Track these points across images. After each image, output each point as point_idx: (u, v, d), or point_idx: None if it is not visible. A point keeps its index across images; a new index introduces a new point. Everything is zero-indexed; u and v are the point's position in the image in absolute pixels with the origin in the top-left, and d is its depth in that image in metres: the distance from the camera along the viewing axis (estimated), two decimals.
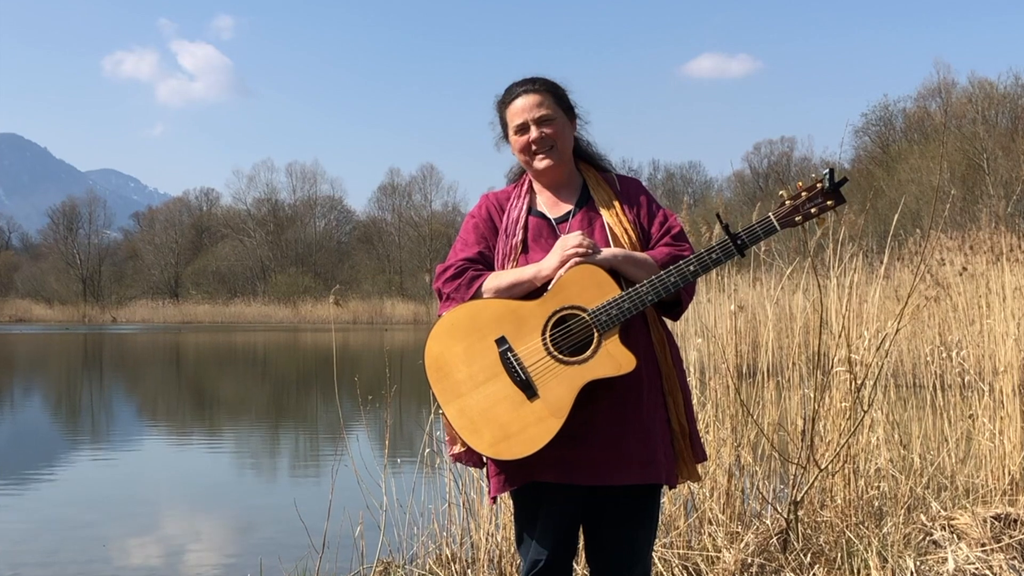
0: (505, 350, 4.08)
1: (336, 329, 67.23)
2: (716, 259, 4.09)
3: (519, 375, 4.04)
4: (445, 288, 4.35)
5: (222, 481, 13.66)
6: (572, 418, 3.99)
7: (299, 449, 17.22)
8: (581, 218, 4.40)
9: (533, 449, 3.98)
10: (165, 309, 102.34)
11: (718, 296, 9.83)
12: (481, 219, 4.51)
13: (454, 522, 7.39)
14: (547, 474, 4.13)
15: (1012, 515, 7.51)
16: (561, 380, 4.01)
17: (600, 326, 4.02)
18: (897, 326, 7.61)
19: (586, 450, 4.10)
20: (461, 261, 4.38)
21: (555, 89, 4.49)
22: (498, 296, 4.22)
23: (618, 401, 4.13)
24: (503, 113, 4.53)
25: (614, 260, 4.16)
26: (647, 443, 4.16)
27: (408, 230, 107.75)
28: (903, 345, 16.06)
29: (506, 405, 4.04)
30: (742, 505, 7.69)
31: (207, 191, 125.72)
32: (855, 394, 7.31)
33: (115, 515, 11.14)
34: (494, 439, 4.03)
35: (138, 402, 26.25)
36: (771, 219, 4.09)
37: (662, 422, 4.26)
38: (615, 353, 4.01)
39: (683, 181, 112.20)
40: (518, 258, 4.34)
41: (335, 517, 7.11)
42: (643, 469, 4.15)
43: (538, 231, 4.40)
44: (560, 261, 4.13)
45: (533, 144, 4.39)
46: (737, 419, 7.83)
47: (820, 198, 4.08)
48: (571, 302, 4.08)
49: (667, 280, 4.05)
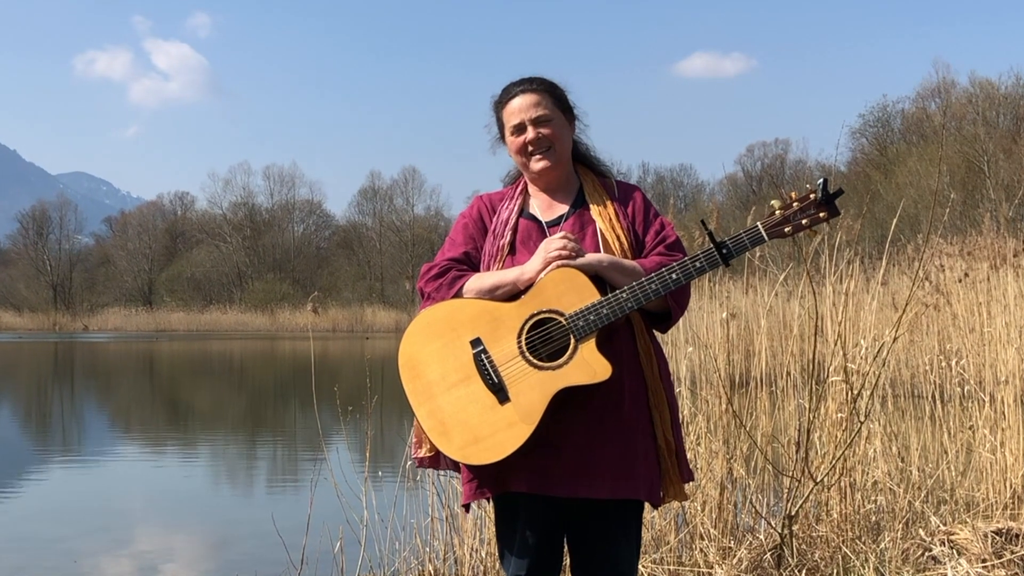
0: (479, 352, 4.08)
1: (315, 337, 67.08)
2: (700, 267, 4.06)
3: (491, 378, 4.04)
4: (427, 287, 4.36)
5: (197, 494, 13.63)
6: (545, 425, 3.99)
7: (277, 461, 17.22)
8: (573, 222, 4.38)
9: (502, 455, 3.98)
10: (138, 317, 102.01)
11: (710, 303, 9.84)
12: (471, 219, 4.50)
13: (437, 537, 7.39)
14: (520, 484, 4.12)
15: (1014, 530, 7.52)
16: (534, 385, 4.00)
17: (577, 331, 4.01)
18: (895, 334, 7.62)
19: (561, 460, 4.09)
20: (446, 261, 4.38)
21: (553, 89, 4.47)
22: (479, 297, 4.22)
23: (596, 411, 4.11)
24: (499, 113, 4.52)
25: (598, 265, 4.14)
26: (625, 456, 4.14)
27: (389, 235, 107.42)
28: (901, 354, 16.05)
29: (477, 408, 4.04)
30: (735, 519, 7.71)
31: (182, 195, 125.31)
32: (851, 405, 7.33)
33: (86, 530, 11.12)
34: (463, 442, 4.03)
35: (110, 413, 26.21)
36: (759, 229, 4.05)
37: (646, 436, 4.23)
38: (591, 360, 4.00)
39: (673, 184, 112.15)
40: (505, 260, 4.33)
41: (314, 532, 7.10)
42: (620, 483, 4.13)
43: (527, 234, 4.39)
44: (543, 263, 4.12)
45: (530, 145, 4.37)
46: (729, 430, 7.85)
47: (813, 209, 4.03)
48: (549, 305, 4.06)
49: (648, 287, 4.03)
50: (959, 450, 8.92)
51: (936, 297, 14.32)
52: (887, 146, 76.06)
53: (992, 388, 9.11)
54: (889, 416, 8.87)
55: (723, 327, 8.78)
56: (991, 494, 8.38)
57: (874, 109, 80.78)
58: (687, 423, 7.93)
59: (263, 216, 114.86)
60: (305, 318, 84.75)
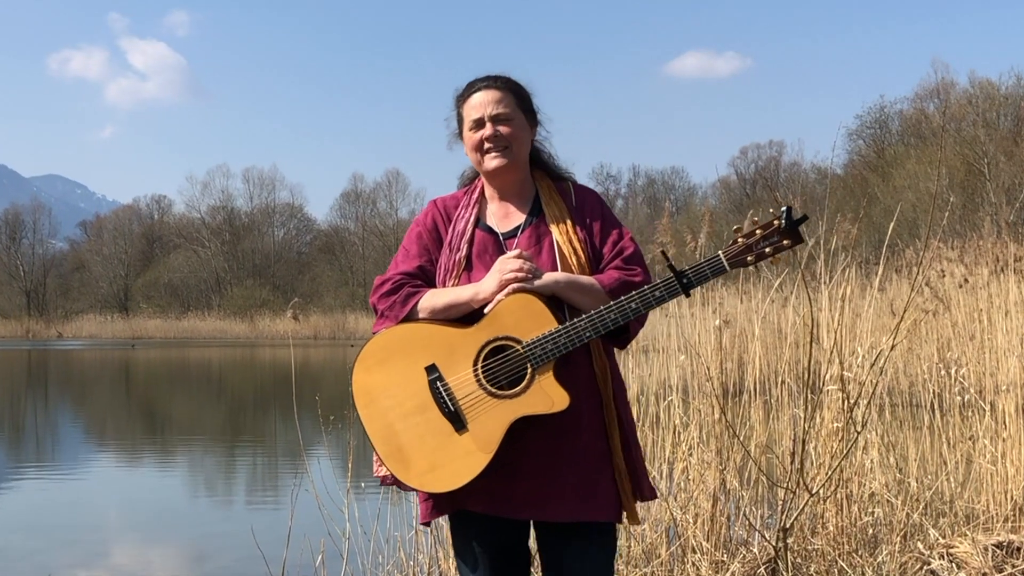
0: (435, 379, 4.08)
1: (295, 345, 67.02)
2: (660, 297, 4.05)
3: (448, 406, 4.05)
4: (380, 304, 4.35)
5: (174, 507, 13.62)
6: (503, 451, 3.99)
7: (257, 472, 17.19)
8: (530, 234, 4.36)
9: (459, 483, 4.00)
10: (114, 324, 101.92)
11: (702, 310, 9.82)
12: (425, 228, 4.47)
13: (421, 550, 7.38)
14: (478, 504, 4.14)
15: (1015, 543, 7.52)
16: (491, 414, 4.01)
17: (534, 360, 4.01)
18: (893, 342, 7.63)
19: (520, 484, 4.10)
20: (399, 275, 4.36)
21: (518, 89, 4.46)
22: (434, 316, 4.21)
23: (555, 433, 4.11)
24: (460, 108, 4.50)
25: (555, 286, 4.13)
26: (584, 479, 4.15)
27: (372, 240, 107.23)
28: (899, 362, 16.07)
29: (433, 436, 4.06)
30: (728, 532, 7.70)
31: (159, 198, 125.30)
32: (848, 414, 7.33)
33: (60, 543, 11.09)
34: (420, 470, 4.06)
35: (85, 422, 26.16)
36: (721, 258, 4.04)
37: (604, 457, 4.22)
38: (549, 390, 4.00)
39: (665, 188, 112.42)
40: (460, 275, 4.31)
41: (295, 545, 7.10)
42: (578, 505, 4.13)
43: (483, 247, 4.37)
44: (498, 285, 4.11)
45: (486, 141, 4.35)
46: (722, 440, 7.84)
47: (776, 237, 4.03)
48: (505, 332, 4.07)
49: (607, 316, 4.02)
50: (959, 461, 8.92)
51: (935, 303, 14.36)
52: (884, 148, 76.28)
53: (993, 397, 9.12)
54: (887, 426, 8.86)
55: (716, 334, 8.78)
56: (991, 506, 8.37)
57: (871, 110, 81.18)
58: (679, 433, 7.93)
59: (242, 220, 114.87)
60: (286, 325, 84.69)
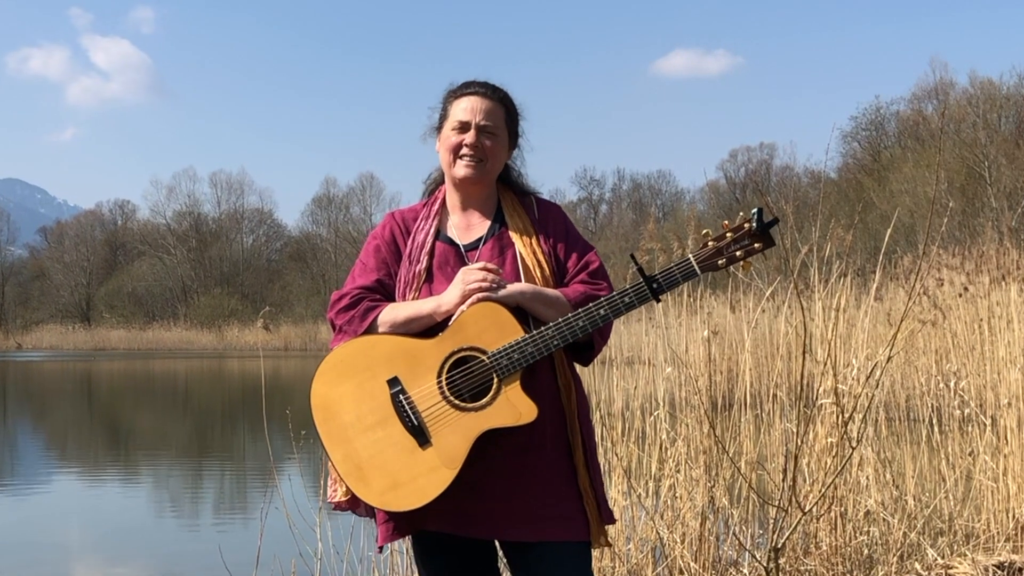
0: (397, 392, 4.07)
1: (265, 356, 66.97)
2: (629, 303, 4.07)
3: (411, 420, 4.04)
4: (338, 320, 4.33)
5: (139, 525, 13.60)
6: (468, 467, 3.99)
7: (225, 490, 17.17)
8: (492, 246, 4.38)
9: (424, 501, 3.98)
10: (76, 334, 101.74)
11: (690, 320, 9.83)
12: (384, 241, 4.47)
13: (396, 571, 7.37)
14: (442, 524, 4.13)
15: (1017, 563, 7.54)
16: (456, 428, 4.00)
17: (500, 371, 4.02)
18: (889, 353, 7.63)
19: (482, 501, 4.10)
20: (357, 290, 4.35)
21: (511, 107, 4.49)
22: (394, 330, 4.21)
23: (519, 449, 4.12)
24: (448, 104, 4.50)
25: (520, 297, 4.14)
26: (548, 497, 4.15)
27: (346, 247, 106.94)
28: (896, 374, 16.12)
29: (396, 452, 4.04)
30: (717, 552, 7.70)
31: (122, 203, 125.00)
32: (842, 429, 7.33)
33: (20, 563, 11.06)
34: (382, 488, 4.03)
35: (45, 437, 26.10)
36: (691, 262, 4.08)
37: (568, 474, 4.23)
38: (515, 401, 4.01)
39: (651, 192, 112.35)
40: (421, 287, 4.32)
41: (264, 565, 7.09)
42: (542, 524, 4.13)
43: (444, 258, 4.37)
44: (461, 296, 4.12)
45: (466, 147, 4.35)
46: (711, 457, 7.83)
47: (747, 240, 4.07)
48: (470, 343, 4.07)
49: (575, 324, 4.04)
50: (958, 478, 8.93)
51: (934, 313, 14.38)
52: (881, 151, 76.46)
53: (994, 411, 9.13)
54: (883, 441, 8.88)
55: (705, 346, 8.78)
56: (992, 525, 8.39)
57: (867, 111, 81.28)
58: (666, 448, 7.93)
59: (210, 226, 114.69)
60: (255, 336, 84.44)
